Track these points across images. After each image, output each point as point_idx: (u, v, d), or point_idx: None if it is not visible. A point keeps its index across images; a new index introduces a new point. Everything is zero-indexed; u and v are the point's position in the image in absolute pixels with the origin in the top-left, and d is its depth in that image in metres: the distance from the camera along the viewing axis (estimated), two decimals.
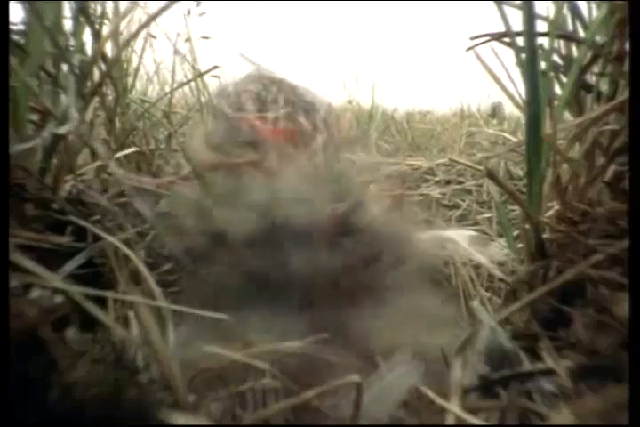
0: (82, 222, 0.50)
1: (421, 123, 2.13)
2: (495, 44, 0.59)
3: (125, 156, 0.77)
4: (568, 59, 0.55)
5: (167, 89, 1.11)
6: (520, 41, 0.52)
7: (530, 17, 0.45)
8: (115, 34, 0.73)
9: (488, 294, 0.49)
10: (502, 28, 0.55)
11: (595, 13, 0.54)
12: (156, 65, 1.19)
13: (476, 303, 0.42)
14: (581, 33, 0.54)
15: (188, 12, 1.15)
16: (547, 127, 0.47)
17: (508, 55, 0.57)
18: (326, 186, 0.45)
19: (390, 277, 0.43)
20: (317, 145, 0.47)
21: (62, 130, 0.51)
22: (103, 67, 0.69)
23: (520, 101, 0.58)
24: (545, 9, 0.55)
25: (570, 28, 0.55)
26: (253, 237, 0.41)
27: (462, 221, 0.83)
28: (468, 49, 0.60)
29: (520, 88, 0.58)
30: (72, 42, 0.64)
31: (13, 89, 0.51)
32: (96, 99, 0.71)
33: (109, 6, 0.75)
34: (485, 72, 0.63)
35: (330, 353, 0.38)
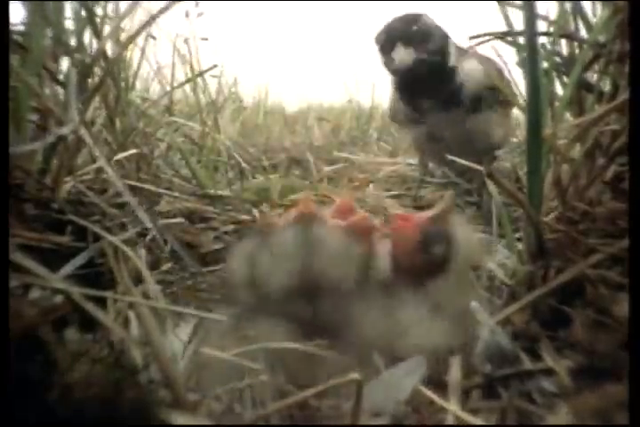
0: (82, 222, 0.50)
1: None
2: (497, 43, 0.59)
3: (125, 156, 0.77)
4: (569, 58, 0.55)
5: (167, 88, 1.12)
6: (521, 41, 0.52)
7: (531, 17, 0.45)
8: (115, 33, 0.73)
9: (488, 294, 0.49)
10: (503, 28, 0.55)
11: (598, 13, 0.54)
12: (157, 65, 1.19)
13: (475, 304, 0.42)
14: (583, 33, 0.54)
15: (187, 14, 1.15)
16: (547, 127, 0.47)
17: (510, 55, 0.57)
18: None
19: None
20: None
21: (64, 130, 0.52)
22: (104, 66, 0.70)
23: (521, 101, 0.58)
24: (546, 8, 0.55)
25: (572, 27, 0.55)
26: None
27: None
28: (469, 48, 0.61)
29: (521, 87, 0.58)
30: (73, 41, 0.64)
31: (14, 89, 0.51)
32: (97, 98, 0.71)
33: (110, 6, 0.75)
34: None
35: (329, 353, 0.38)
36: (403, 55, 0.79)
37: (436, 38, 0.83)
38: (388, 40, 0.82)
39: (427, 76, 0.83)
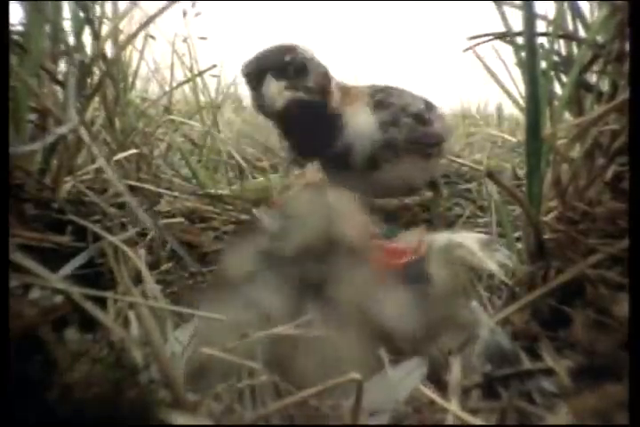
0: (82, 222, 0.50)
1: None
2: (497, 43, 0.59)
3: (125, 156, 0.77)
4: (568, 58, 0.55)
5: (166, 88, 1.12)
6: (520, 41, 0.52)
7: (530, 17, 0.45)
8: (114, 34, 0.73)
9: (488, 294, 0.49)
10: (502, 29, 0.55)
11: (596, 14, 0.54)
12: (155, 65, 1.19)
13: (475, 303, 0.42)
14: (582, 33, 0.54)
15: (184, 14, 1.15)
16: (547, 127, 0.47)
17: (509, 55, 0.57)
18: None
19: None
20: None
21: (62, 130, 0.51)
22: (103, 66, 0.70)
23: (520, 101, 0.58)
24: (545, 9, 0.55)
25: (570, 27, 0.55)
26: None
27: (459, 221, 0.83)
28: (468, 49, 0.60)
29: (521, 88, 0.58)
30: (72, 42, 0.64)
31: (14, 89, 0.51)
32: (96, 98, 0.71)
33: (109, 7, 0.75)
34: (486, 72, 0.63)
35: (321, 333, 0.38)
36: (274, 89, 0.62)
37: (315, 73, 0.66)
38: (256, 71, 0.64)
39: (307, 123, 0.67)
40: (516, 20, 0.50)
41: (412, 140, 0.71)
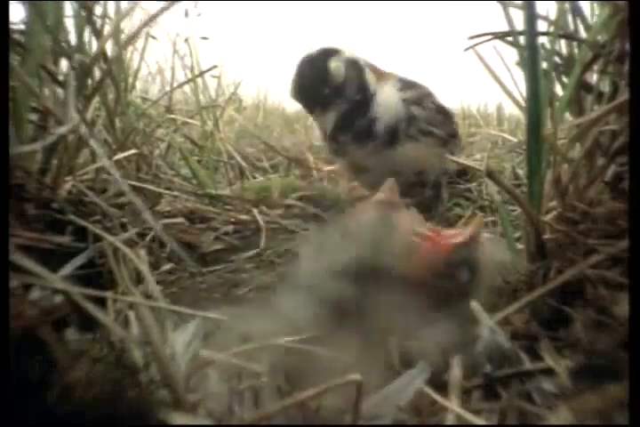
0: (82, 222, 0.50)
1: None
2: (497, 43, 0.59)
3: (125, 156, 0.77)
4: (569, 59, 0.55)
5: (167, 88, 1.12)
6: (522, 41, 0.52)
7: (531, 17, 0.45)
8: (116, 33, 0.73)
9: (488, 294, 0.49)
10: (503, 28, 0.55)
11: (596, 14, 0.54)
12: (157, 65, 1.20)
13: (475, 303, 0.42)
14: (583, 33, 0.54)
15: (186, 14, 1.16)
16: (547, 127, 0.47)
17: (510, 55, 0.57)
18: None
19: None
20: None
21: (62, 129, 0.51)
22: (104, 66, 0.70)
23: (521, 101, 0.58)
24: (546, 9, 0.55)
25: (571, 27, 0.55)
26: None
27: (460, 222, 0.83)
28: (469, 48, 0.60)
29: (521, 88, 0.58)
30: (73, 41, 0.64)
31: (14, 89, 0.51)
32: (97, 98, 0.71)
33: (110, 6, 0.75)
34: (486, 72, 0.63)
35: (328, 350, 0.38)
36: (326, 120, 0.76)
37: (352, 83, 0.76)
38: (306, 106, 0.78)
39: (350, 118, 0.77)
40: (517, 20, 0.50)
41: (433, 123, 0.79)
